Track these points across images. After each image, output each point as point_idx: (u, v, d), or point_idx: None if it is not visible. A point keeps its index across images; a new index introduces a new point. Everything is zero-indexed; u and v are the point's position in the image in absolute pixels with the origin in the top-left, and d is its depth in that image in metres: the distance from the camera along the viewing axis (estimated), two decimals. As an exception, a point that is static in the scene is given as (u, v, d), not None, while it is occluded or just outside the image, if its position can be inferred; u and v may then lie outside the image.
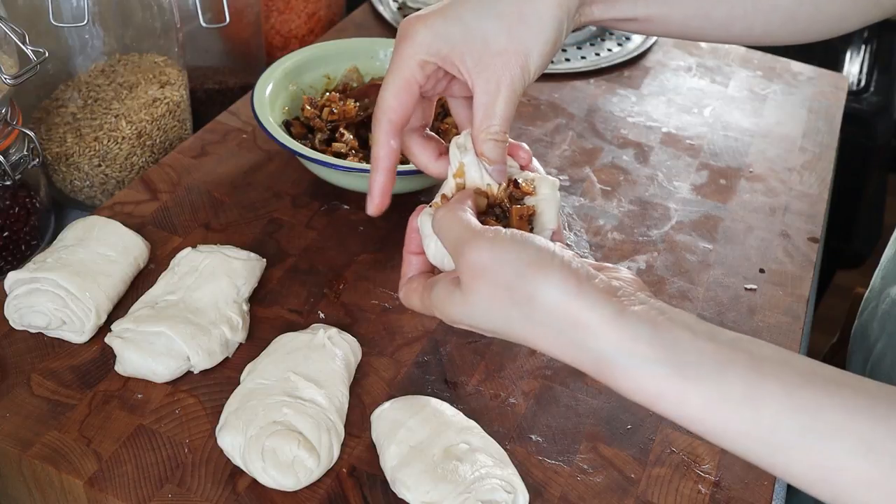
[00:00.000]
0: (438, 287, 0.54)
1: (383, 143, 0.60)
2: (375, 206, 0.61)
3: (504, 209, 0.58)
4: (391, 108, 0.59)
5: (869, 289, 0.92)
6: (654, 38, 1.21)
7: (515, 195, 0.59)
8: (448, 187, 0.60)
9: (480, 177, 0.59)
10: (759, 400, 0.44)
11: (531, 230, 0.57)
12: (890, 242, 0.88)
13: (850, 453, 0.42)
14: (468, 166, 0.59)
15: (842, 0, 0.65)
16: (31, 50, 0.74)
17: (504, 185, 0.59)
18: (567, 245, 0.57)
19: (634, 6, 0.62)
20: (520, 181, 0.59)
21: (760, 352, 0.45)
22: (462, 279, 0.52)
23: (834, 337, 1.11)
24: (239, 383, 0.67)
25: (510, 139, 0.60)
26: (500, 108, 0.57)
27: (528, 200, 0.58)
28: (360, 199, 0.88)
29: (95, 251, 0.73)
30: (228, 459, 0.63)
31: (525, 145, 0.62)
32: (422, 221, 0.59)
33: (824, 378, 0.44)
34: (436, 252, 0.58)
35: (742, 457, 0.46)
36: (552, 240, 0.55)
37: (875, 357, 0.86)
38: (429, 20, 0.58)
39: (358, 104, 0.90)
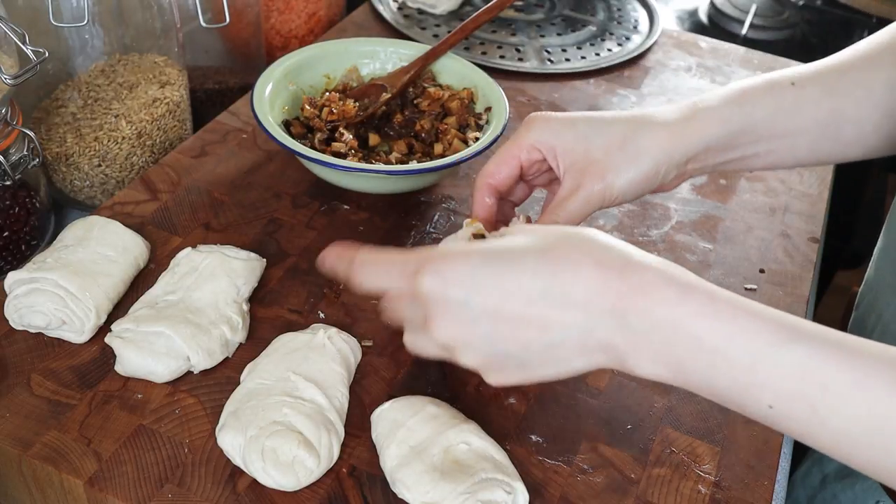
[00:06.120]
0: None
1: (478, 199, 0.68)
2: None
3: None
4: (489, 173, 0.68)
5: (864, 282, 0.92)
6: (655, 38, 1.21)
7: None
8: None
9: None
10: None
11: None
12: (882, 234, 0.88)
13: None
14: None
15: None
16: (31, 50, 0.74)
17: None
18: None
19: (756, 144, 0.66)
20: None
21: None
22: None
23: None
24: (239, 383, 0.67)
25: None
26: (570, 206, 0.65)
27: None
28: (359, 199, 0.88)
29: (95, 251, 0.73)
30: (228, 459, 0.63)
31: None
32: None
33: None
34: None
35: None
36: None
37: None
38: (552, 119, 0.67)
39: (358, 104, 0.90)
